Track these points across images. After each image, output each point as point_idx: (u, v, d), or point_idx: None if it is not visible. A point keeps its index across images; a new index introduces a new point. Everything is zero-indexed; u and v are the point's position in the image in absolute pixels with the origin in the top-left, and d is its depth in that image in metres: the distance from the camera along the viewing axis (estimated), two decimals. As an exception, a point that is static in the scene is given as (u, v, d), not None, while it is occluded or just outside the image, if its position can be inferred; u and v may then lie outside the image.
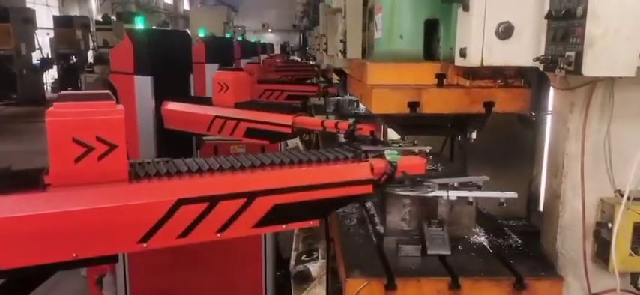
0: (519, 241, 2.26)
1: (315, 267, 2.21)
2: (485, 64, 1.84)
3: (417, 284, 1.92)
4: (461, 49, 1.91)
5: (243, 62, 9.71)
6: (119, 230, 1.54)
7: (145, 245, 1.58)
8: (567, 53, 1.61)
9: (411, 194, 1.89)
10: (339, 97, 6.09)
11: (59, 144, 1.56)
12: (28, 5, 19.53)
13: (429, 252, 2.10)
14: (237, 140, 3.93)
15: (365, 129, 2.68)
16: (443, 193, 1.93)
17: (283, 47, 27.97)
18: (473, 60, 1.85)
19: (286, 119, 2.81)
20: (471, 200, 2.00)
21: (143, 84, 3.25)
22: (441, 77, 2.07)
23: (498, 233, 2.34)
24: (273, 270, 3.59)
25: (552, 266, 2.01)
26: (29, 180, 1.58)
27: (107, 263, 1.58)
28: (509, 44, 1.82)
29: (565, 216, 1.98)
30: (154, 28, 16.29)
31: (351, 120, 2.60)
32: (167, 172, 1.72)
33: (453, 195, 1.97)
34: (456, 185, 1.97)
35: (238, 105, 3.11)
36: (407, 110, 1.98)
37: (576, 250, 1.96)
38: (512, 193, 2.05)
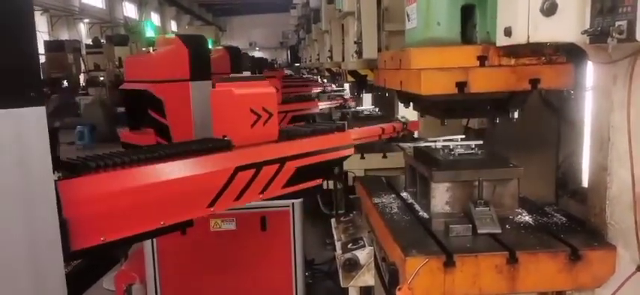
0: (564, 218, 2.29)
1: (363, 254, 2.22)
2: (531, 40, 1.88)
3: (474, 260, 1.94)
4: (505, 28, 1.95)
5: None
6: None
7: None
8: (617, 23, 1.67)
9: (413, 145, 2.34)
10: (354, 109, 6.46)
11: (241, 114, 2.14)
12: (18, 31, 19.35)
13: (479, 232, 2.12)
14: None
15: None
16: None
17: (271, 63, 28.12)
18: (519, 37, 1.89)
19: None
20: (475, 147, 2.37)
21: (200, 90, 2.97)
22: (482, 59, 2.12)
23: (541, 213, 2.37)
24: (303, 272, 3.59)
25: (603, 237, 2.04)
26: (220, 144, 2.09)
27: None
28: (554, 21, 1.87)
29: (613, 187, 2.01)
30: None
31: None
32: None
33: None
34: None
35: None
36: (455, 90, 2.02)
37: (625, 221, 1.99)
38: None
